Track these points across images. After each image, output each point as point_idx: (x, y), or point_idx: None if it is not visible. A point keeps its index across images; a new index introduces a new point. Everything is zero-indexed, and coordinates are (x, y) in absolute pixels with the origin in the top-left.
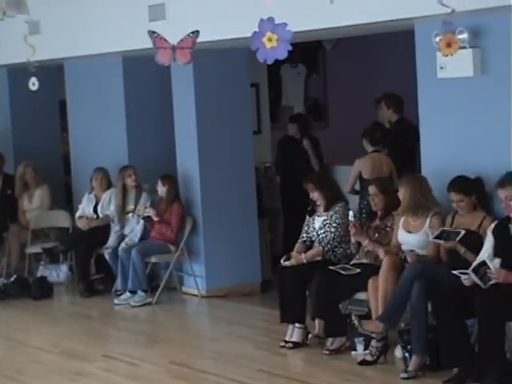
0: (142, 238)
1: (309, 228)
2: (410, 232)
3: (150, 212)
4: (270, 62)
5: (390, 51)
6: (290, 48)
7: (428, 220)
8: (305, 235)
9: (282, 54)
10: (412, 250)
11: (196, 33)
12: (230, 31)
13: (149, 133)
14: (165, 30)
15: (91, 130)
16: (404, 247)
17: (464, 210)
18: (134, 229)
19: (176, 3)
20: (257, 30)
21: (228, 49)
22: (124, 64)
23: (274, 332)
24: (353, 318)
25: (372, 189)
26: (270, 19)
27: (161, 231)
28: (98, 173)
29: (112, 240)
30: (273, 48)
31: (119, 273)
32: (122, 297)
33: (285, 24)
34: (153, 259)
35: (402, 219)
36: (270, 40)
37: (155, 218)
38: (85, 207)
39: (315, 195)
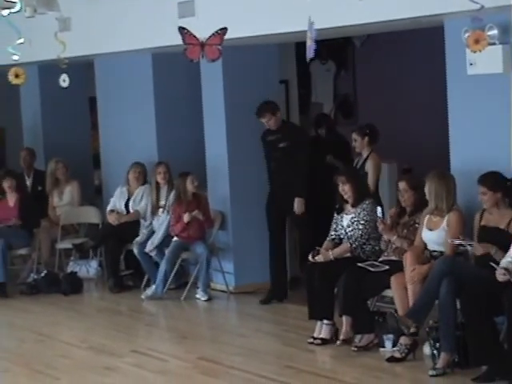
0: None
1: (337, 226)
2: (431, 229)
3: (199, 215)
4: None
5: (419, 48)
6: (315, 47)
7: (446, 217)
8: (333, 233)
9: (309, 54)
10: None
11: (224, 29)
12: (259, 28)
13: (178, 129)
14: (194, 27)
15: (121, 126)
16: (428, 246)
17: (487, 204)
18: (163, 224)
19: (205, 0)
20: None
21: (257, 45)
22: (154, 60)
23: (302, 328)
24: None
25: (402, 185)
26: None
27: (199, 226)
28: (137, 167)
29: (142, 236)
30: (309, 47)
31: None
32: (147, 291)
33: (312, 23)
34: (183, 255)
35: (427, 217)
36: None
37: (201, 218)
38: (116, 201)
39: (345, 188)
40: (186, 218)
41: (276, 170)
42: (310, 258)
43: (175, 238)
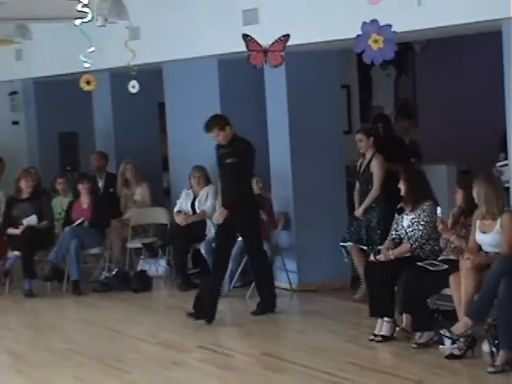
0: None
1: (398, 226)
2: (484, 232)
3: (262, 215)
4: (377, 63)
5: (477, 52)
6: (396, 48)
7: (499, 219)
8: (394, 233)
9: (389, 55)
10: None
11: (286, 36)
12: (320, 34)
13: (242, 132)
14: (258, 34)
15: (188, 130)
16: (483, 248)
17: None
18: None
19: (269, 8)
20: (356, 32)
21: (319, 51)
22: (219, 66)
23: (363, 326)
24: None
25: (457, 186)
26: (374, 21)
27: (262, 227)
28: (197, 170)
29: (209, 235)
30: (380, 49)
31: None
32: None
33: (389, 25)
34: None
35: (478, 221)
36: (375, 42)
37: (264, 218)
38: (183, 202)
39: (403, 187)
40: None
41: (223, 185)
42: (371, 257)
43: (240, 238)
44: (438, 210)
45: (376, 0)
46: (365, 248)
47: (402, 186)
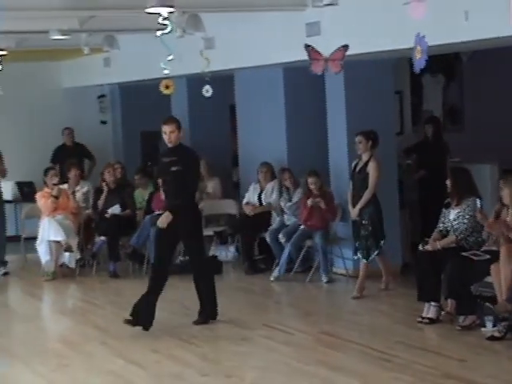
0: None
1: (445, 219)
2: None
3: (321, 203)
4: (417, 72)
5: None
6: (426, 58)
7: None
8: (441, 225)
9: (423, 64)
10: None
11: (346, 46)
12: (376, 44)
13: (305, 133)
14: (320, 44)
15: (256, 130)
16: None
17: None
18: (291, 217)
19: (330, 21)
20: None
21: (375, 60)
22: (284, 74)
23: (412, 309)
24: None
25: (500, 183)
26: (418, 34)
27: (321, 217)
28: (264, 166)
29: (274, 225)
30: (419, 59)
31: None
32: (274, 273)
33: (423, 36)
34: (307, 243)
35: None
36: (418, 52)
37: (322, 206)
38: (250, 195)
39: (450, 184)
40: (309, 202)
41: (166, 194)
42: (420, 247)
43: (302, 226)
44: (478, 202)
45: (418, 14)
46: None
47: (448, 182)
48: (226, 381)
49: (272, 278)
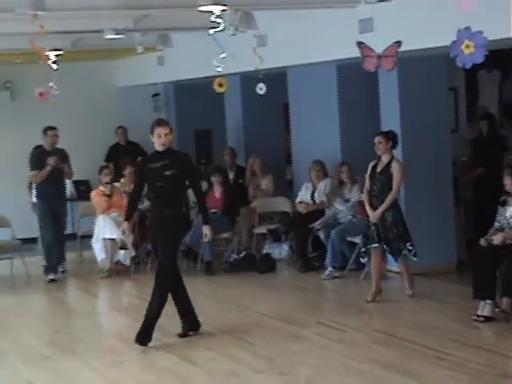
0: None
1: (501, 217)
2: None
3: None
4: (468, 67)
5: None
6: (486, 53)
7: None
8: (497, 224)
9: (479, 59)
10: None
11: (399, 42)
12: (430, 41)
13: (358, 131)
14: (373, 41)
15: (310, 128)
16: None
17: None
18: (346, 214)
19: (383, 17)
20: (455, 39)
21: (429, 56)
22: (338, 71)
23: (467, 307)
24: None
25: None
26: (467, 28)
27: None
28: (316, 164)
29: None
30: (470, 54)
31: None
32: (326, 272)
33: (480, 32)
34: (356, 239)
35: None
36: (467, 47)
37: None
38: (303, 194)
39: (507, 181)
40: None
41: (155, 200)
42: (481, 242)
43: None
44: None
45: (466, 7)
46: (385, 248)
47: (506, 180)
48: (280, 378)
49: (323, 277)
